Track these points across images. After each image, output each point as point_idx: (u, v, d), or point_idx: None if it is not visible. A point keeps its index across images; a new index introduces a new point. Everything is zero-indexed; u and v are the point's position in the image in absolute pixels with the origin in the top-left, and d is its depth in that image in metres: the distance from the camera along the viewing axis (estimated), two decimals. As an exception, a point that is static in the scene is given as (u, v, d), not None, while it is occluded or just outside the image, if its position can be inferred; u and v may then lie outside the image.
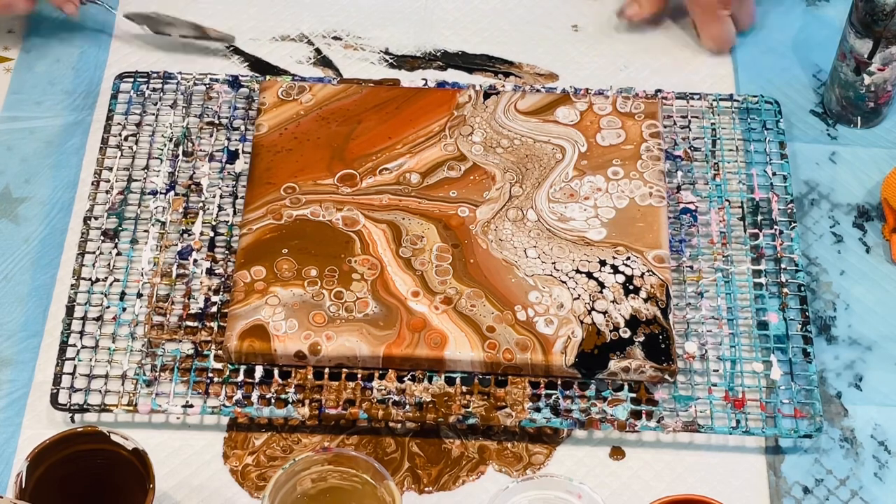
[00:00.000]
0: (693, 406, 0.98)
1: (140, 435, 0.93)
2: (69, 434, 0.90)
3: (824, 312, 1.05)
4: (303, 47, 1.20)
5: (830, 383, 1.02)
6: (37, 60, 1.18)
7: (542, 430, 0.99)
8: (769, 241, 1.07)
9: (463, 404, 0.98)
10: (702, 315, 1.03)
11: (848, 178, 1.12)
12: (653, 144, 1.08)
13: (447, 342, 0.98)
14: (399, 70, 1.18)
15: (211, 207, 1.07)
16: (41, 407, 0.99)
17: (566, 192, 1.06)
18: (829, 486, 0.97)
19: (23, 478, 0.88)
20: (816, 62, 1.19)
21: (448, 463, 0.98)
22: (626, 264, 1.02)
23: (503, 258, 1.02)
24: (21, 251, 1.07)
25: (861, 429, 1.00)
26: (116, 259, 1.05)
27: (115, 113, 1.12)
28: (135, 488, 0.89)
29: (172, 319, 1.02)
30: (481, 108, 1.10)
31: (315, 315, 0.99)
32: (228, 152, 1.11)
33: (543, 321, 0.99)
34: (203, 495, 0.96)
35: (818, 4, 1.23)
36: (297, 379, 0.99)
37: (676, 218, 1.08)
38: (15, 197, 1.10)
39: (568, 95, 1.12)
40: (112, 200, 1.08)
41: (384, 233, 1.03)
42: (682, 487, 0.97)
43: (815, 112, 1.16)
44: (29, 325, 1.03)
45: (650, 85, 1.16)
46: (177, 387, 0.99)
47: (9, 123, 1.14)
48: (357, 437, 0.99)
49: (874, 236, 1.09)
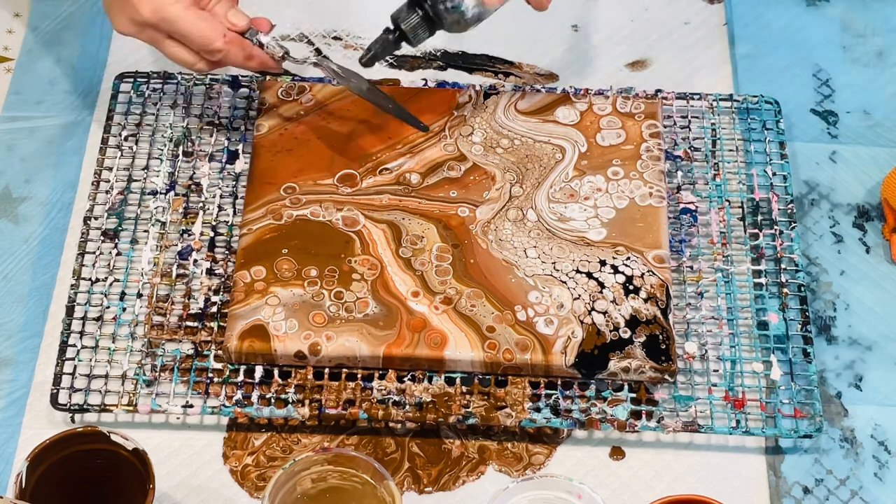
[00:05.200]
0: (693, 406, 0.98)
1: (140, 435, 0.93)
2: (69, 434, 0.90)
3: (824, 312, 1.05)
4: (303, 47, 1.20)
5: (830, 383, 1.02)
6: (37, 60, 1.18)
7: (542, 430, 0.99)
8: (769, 241, 1.07)
9: (463, 404, 0.98)
10: (702, 315, 1.03)
11: (848, 177, 1.12)
12: (653, 144, 1.08)
13: (447, 342, 0.98)
14: (399, 70, 1.18)
15: (211, 207, 1.07)
16: (41, 407, 0.99)
17: (566, 192, 1.06)
18: (829, 486, 0.97)
19: (23, 478, 0.88)
20: (816, 62, 1.19)
21: (448, 463, 0.98)
22: (626, 264, 1.02)
23: (503, 258, 1.02)
24: (21, 251, 1.07)
25: (861, 429, 1.00)
26: (116, 259, 1.05)
27: (115, 113, 1.12)
28: (135, 488, 0.89)
29: (172, 319, 1.02)
30: (481, 108, 1.10)
31: (315, 315, 0.99)
32: (228, 152, 1.11)
33: (543, 321, 0.99)
34: (203, 495, 0.96)
35: (818, 4, 1.23)
36: (297, 379, 0.99)
37: (676, 218, 1.08)
38: (15, 197, 1.10)
39: (568, 95, 1.12)
40: (112, 200, 1.08)
41: (384, 233, 1.03)
42: (682, 487, 0.97)
43: (815, 111, 1.16)
44: (29, 325, 1.03)
45: (650, 85, 1.16)
46: (177, 387, 0.99)
47: (9, 123, 1.14)
48: (357, 437, 0.99)
49: (874, 236, 1.09)
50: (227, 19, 1.01)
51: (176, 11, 0.99)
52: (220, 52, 1.00)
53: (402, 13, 0.99)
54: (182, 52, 1.01)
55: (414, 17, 0.98)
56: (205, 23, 1.00)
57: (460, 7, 0.96)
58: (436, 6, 0.97)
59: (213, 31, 1.00)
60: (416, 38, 1.00)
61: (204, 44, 1.00)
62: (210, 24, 1.00)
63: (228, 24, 1.01)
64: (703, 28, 1.22)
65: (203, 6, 1.01)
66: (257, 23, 1.03)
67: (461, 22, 0.97)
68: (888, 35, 1.21)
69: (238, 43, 1.01)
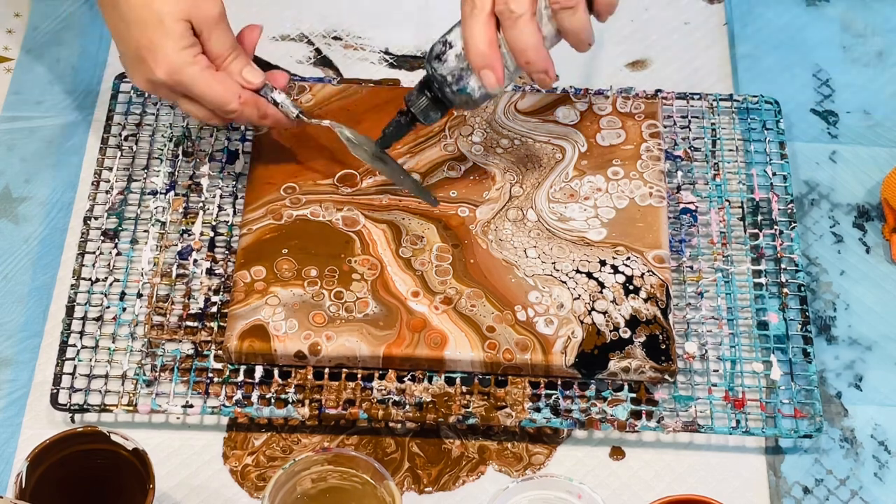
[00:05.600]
0: (693, 406, 0.98)
1: (140, 435, 0.93)
2: (69, 434, 0.90)
3: (824, 312, 1.05)
4: (303, 47, 1.20)
5: (830, 383, 1.02)
6: (37, 60, 1.18)
7: (542, 430, 0.99)
8: (769, 241, 1.07)
9: (463, 404, 0.98)
10: (702, 315, 1.03)
11: (848, 177, 1.12)
12: (653, 144, 1.08)
13: (447, 342, 0.98)
14: (399, 70, 1.18)
15: (211, 207, 1.07)
16: (41, 407, 0.99)
17: (566, 192, 1.06)
18: (829, 486, 0.97)
19: (23, 478, 0.88)
20: (816, 62, 1.19)
21: (448, 463, 0.98)
22: (626, 264, 1.02)
23: (503, 258, 1.02)
24: (21, 251, 1.07)
25: (861, 429, 1.00)
26: (116, 259, 1.05)
27: (115, 113, 1.12)
28: (135, 488, 0.89)
29: (172, 319, 1.02)
30: (481, 108, 1.10)
31: (315, 315, 0.99)
32: (228, 152, 1.11)
33: (543, 321, 0.99)
34: (203, 495, 0.96)
35: (818, 4, 1.23)
36: (297, 379, 0.99)
37: (676, 218, 1.08)
38: (15, 197, 1.10)
39: (568, 95, 1.12)
40: (112, 200, 1.08)
41: (384, 233, 1.03)
42: (682, 487, 0.97)
43: (815, 111, 1.16)
44: (29, 325, 1.03)
45: (650, 85, 1.16)
46: (177, 387, 0.99)
47: (9, 123, 1.14)
48: (357, 437, 0.99)
49: (874, 236, 1.09)
50: (243, 77, 1.00)
51: (192, 74, 0.97)
52: (235, 112, 1.00)
53: (412, 97, 0.99)
54: (196, 110, 1.00)
55: (423, 100, 0.98)
56: (221, 85, 0.98)
57: (466, 90, 0.96)
58: (443, 90, 0.97)
59: (229, 92, 0.99)
60: (428, 119, 0.99)
61: (219, 105, 0.99)
62: (226, 85, 0.99)
63: (244, 83, 1.00)
64: (703, 28, 1.22)
65: (218, 64, 0.99)
66: (273, 77, 1.02)
67: (469, 102, 0.97)
68: (888, 35, 1.21)
69: (253, 103, 1.00)
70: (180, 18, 0.97)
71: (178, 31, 0.97)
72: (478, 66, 0.94)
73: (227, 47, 0.99)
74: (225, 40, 0.99)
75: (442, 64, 0.96)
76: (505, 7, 0.93)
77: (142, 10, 0.97)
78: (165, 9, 0.97)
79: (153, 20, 0.97)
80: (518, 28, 0.93)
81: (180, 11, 0.97)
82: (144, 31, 0.97)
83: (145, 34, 0.97)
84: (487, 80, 0.95)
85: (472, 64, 0.94)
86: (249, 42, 1.03)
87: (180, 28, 0.97)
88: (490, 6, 0.93)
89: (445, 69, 0.96)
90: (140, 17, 0.97)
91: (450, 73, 0.96)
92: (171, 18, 0.97)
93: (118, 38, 1.00)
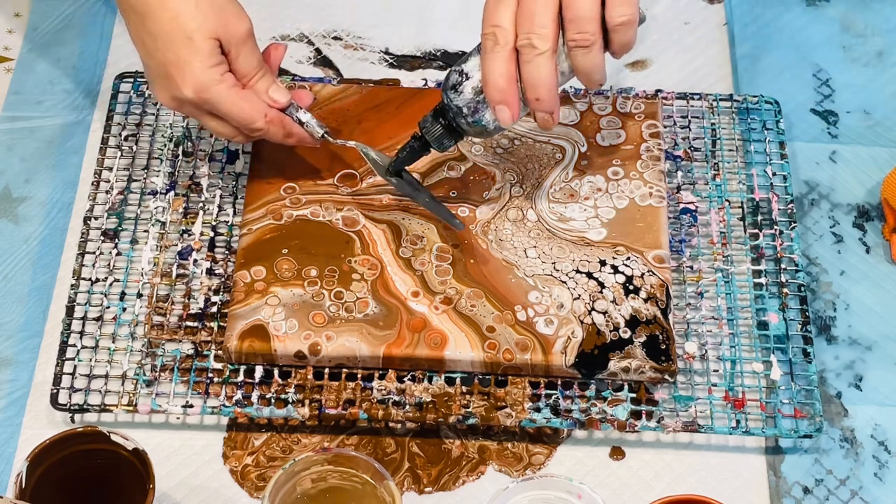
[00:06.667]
0: (693, 406, 0.98)
1: (140, 435, 0.93)
2: (69, 434, 0.90)
3: (824, 312, 1.05)
4: (303, 47, 1.20)
5: (830, 383, 1.02)
6: (37, 60, 1.18)
7: (542, 430, 0.99)
8: (769, 241, 1.07)
9: (463, 404, 0.98)
10: (702, 315, 1.03)
11: (848, 177, 1.12)
12: (653, 144, 1.08)
13: (447, 342, 0.98)
14: (399, 70, 1.18)
15: (211, 207, 1.07)
16: (41, 407, 0.99)
17: (566, 192, 1.06)
18: (829, 486, 0.97)
19: (23, 478, 0.88)
20: (816, 62, 1.19)
21: (448, 463, 0.98)
22: (626, 264, 1.02)
23: (503, 258, 1.02)
24: (21, 251, 1.07)
25: (861, 429, 1.00)
26: (116, 259, 1.05)
27: (115, 113, 1.12)
28: (135, 488, 0.89)
29: (172, 319, 1.02)
30: (481, 108, 1.10)
31: (315, 315, 0.99)
32: (228, 152, 1.11)
33: (543, 321, 0.99)
34: (203, 495, 0.96)
35: (818, 4, 1.23)
36: (297, 379, 0.99)
37: (676, 218, 1.08)
38: (15, 197, 1.10)
39: (568, 95, 1.12)
40: (112, 200, 1.08)
41: (384, 233, 1.03)
42: (682, 487, 0.97)
43: (815, 111, 1.16)
44: (29, 325, 1.03)
45: (650, 85, 1.16)
46: (177, 387, 0.99)
47: (9, 123, 1.14)
48: (357, 437, 0.99)
49: (874, 236, 1.09)
50: (269, 96, 0.99)
51: (219, 92, 0.97)
52: (261, 130, 0.99)
53: (427, 123, 0.98)
54: (222, 128, 1.00)
55: (437, 128, 0.97)
56: (247, 103, 0.98)
57: (481, 122, 0.95)
58: (457, 120, 0.96)
59: (255, 111, 0.98)
60: (441, 147, 0.99)
61: (245, 123, 0.98)
62: (252, 103, 0.98)
63: (270, 101, 0.99)
64: (703, 28, 1.22)
65: (244, 83, 0.99)
66: (298, 96, 1.02)
67: (484, 133, 0.97)
68: (888, 35, 1.21)
69: (279, 122, 1.00)
70: (209, 36, 0.96)
71: (206, 49, 0.96)
72: (494, 101, 0.93)
73: (254, 66, 0.99)
74: (252, 59, 0.99)
75: (458, 95, 0.95)
76: (528, 42, 0.91)
77: (170, 26, 0.96)
78: (194, 25, 0.96)
79: (181, 37, 0.96)
80: (536, 64, 0.92)
81: (210, 29, 0.96)
82: (172, 48, 0.96)
83: (173, 50, 0.96)
84: (502, 116, 0.93)
85: (489, 98, 0.93)
86: (275, 60, 1.02)
87: (209, 46, 0.96)
88: (513, 42, 0.92)
89: (461, 100, 0.95)
90: (168, 34, 0.96)
91: (465, 104, 0.95)
92: (201, 36, 0.96)
93: (144, 53, 0.99)
